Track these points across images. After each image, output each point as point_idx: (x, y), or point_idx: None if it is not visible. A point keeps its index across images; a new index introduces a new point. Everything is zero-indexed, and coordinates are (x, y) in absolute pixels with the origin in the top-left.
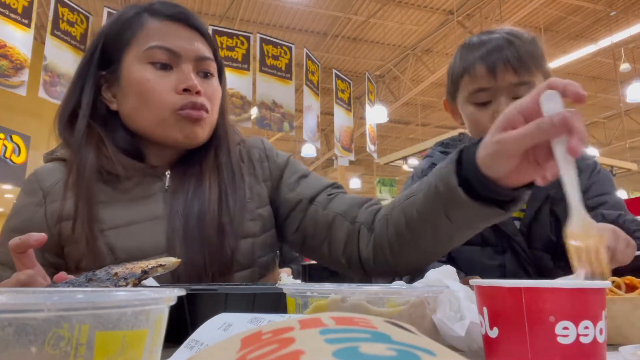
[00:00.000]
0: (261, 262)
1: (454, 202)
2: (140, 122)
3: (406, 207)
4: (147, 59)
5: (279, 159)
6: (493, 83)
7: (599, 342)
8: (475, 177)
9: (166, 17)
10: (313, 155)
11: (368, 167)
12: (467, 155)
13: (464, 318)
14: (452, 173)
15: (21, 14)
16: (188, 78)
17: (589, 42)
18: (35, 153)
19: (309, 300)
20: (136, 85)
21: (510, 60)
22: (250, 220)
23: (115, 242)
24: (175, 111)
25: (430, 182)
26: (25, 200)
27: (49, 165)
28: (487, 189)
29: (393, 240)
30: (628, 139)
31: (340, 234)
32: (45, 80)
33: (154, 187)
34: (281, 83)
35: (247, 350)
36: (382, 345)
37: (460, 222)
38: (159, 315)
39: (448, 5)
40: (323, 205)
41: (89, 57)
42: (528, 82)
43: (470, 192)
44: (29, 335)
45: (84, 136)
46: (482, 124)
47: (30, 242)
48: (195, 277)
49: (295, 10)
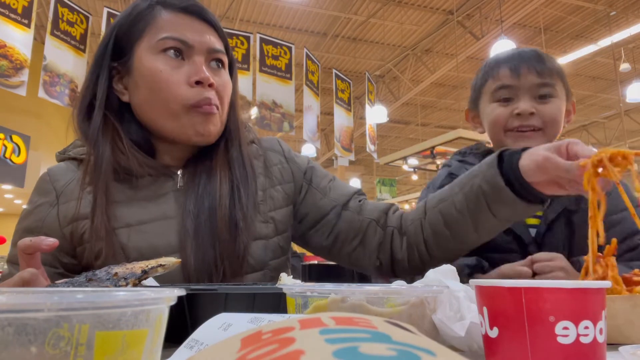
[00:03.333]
0: (273, 265)
1: (500, 200)
2: (151, 114)
3: (443, 209)
4: (159, 49)
5: (299, 160)
6: (516, 81)
7: (599, 342)
8: (516, 180)
9: (179, 10)
10: (313, 155)
11: (368, 167)
12: (509, 161)
13: (464, 318)
14: (498, 175)
15: (21, 14)
16: (200, 70)
17: (589, 42)
18: (35, 153)
19: (309, 300)
20: (148, 76)
21: (533, 63)
22: (262, 222)
23: (127, 241)
24: (188, 106)
25: (468, 183)
26: (39, 200)
27: (62, 164)
28: (526, 191)
29: (430, 239)
30: (628, 139)
31: (374, 239)
32: (45, 80)
33: (166, 186)
34: (281, 83)
35: (247, 350)
36: (382, 345)
37: (503, 217)
38: (159, 315)
39: (448, 5)
40: (357, 211)
41: (103, 49)
42: (550, 84)
43: (514, 192)
44: (29, 335)
45: (101, 128)
46: (501, 120)
47: (42, 246)
48: (206, 275)
49: (295, 10)
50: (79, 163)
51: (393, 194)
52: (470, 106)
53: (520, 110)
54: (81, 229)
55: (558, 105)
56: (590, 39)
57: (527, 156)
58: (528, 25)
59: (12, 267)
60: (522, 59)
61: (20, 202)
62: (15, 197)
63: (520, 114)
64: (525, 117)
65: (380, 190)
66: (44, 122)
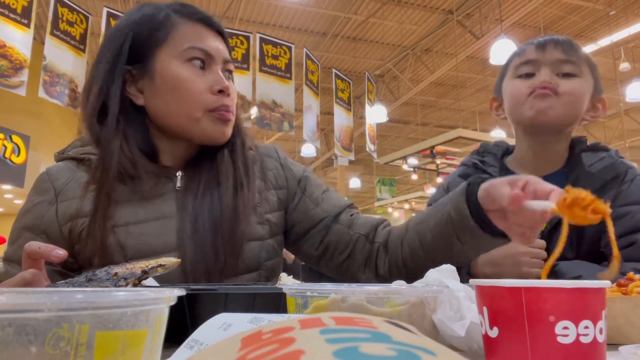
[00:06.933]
0: (267, 266)
1: (465, 229)
2: (171, 117)
3: (420, 231)
4: (185, 57)
5: (295, 168)
6: (540, 56)
7: (599, 342)
8: (475, 210)
9: (197, 20)
10: (313, 155)
11: (368, 167)
12: (473, 190)
13: (464, 318)
14: (464, 203)
15: (21, 14)
16: (221, 80)
17: (588, 41)
18: (34, 153)
19: (309, 300)
20: (174, 82)
21: (562, 41)
22: (257, 224)
23: (125, 240)
24: (208, 111)
25: (443, 209)
26: (37, 199)
27: (61, 164)
28: (483, 221)
29: (407, 258)
30: (628, 139)
31: (361, 253)
32: (45, 80)
33: (166, 187)
34: (281, 83)
35: (247, 350)
36: (383, 345)
37: (470, 245)
38: (159, 315)
39: (447, 4)
40: (348, 225)
41: (117, 52)
42: (574, 62)
43: (480, 222)
44: (29, 335)
45: (113, 132)
46: (520, 94)
47: (50, 256)
48: (203, 275)
49: (294, 10)
50: (78, 163)
51: (393, 193)
52: (495, 94)
53: (540, 81)
54: (79, 227)
55: (581, 85)
56: (590, 39)
57: (484, 184)
58: (528, 24)
59: (9, 265)
60: (552, 38)
61: (20, 202)
62: (15, 197)
63: (543, 87)
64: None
65: (380, 190)
66: (43, 122)
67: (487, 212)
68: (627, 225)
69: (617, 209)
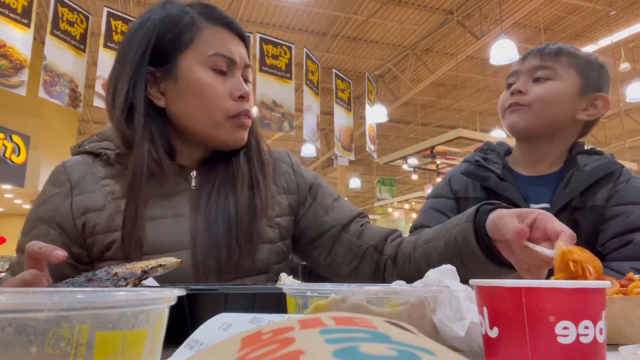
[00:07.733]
0: (276, 270)
1: (471, 256)
2: (193, 121)
3: (427, 249)
4: (209, 64)
5: (307, 174)
6: (521, 66)
7: (599, 342)
8: (482, 239)
9: (221, 24)
10: (313, 155)
11: (368, 167)
12: (481, 218)
13: (464, 318)
14: (471, 230)
15: (21, 13)
16: (242, 86)
17: (588, 41)
18: (34, 153)
19: (309, 300)
20: (197, 87)
21: (543, 49)
22: (268, 227)
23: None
24: (229, 117)
25: (450, 231)
26: (53, 191)
27: (77, 157)
28: (488, 250)
29: (415, 276)
30: (628, 139)
31: (370, 264)
32: (45, 80)
33: (181, 186)
34: (281, 83)
35: (247, 350)
36: (382, 345)
37: (474, 271)
38: (159, 315)
39: (448, 4)
40: (357, 235)
41: (142, 53)
42: (548, 67)
43: (486, 250)
44: (29, 335)
45: (141, 134)
46: (501, 107)
47: (50, 257)
48: (215, 274)
49: (295, 10)
50: (94, 157)
51: (393, 193)
52: None
53: (512, 89)
54: (94, 220)
55: (552, 87)
56: (590, 39)
57: (493, 213)
58: (528, 24)
59: (22, 255)
60: (539, 47)
61: (20, 202)
62: (15, 197)
63: (512, 93)
64: (515, 95)
65: (380, 190)
66: (43, 122)
67: (495, 242)
68: (623, 224)
69: (613, 208)
